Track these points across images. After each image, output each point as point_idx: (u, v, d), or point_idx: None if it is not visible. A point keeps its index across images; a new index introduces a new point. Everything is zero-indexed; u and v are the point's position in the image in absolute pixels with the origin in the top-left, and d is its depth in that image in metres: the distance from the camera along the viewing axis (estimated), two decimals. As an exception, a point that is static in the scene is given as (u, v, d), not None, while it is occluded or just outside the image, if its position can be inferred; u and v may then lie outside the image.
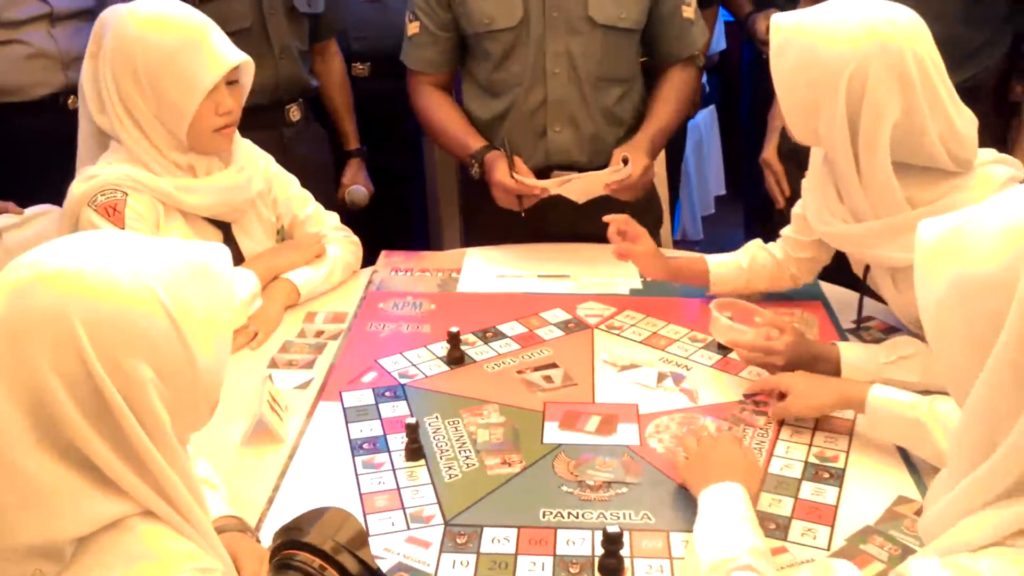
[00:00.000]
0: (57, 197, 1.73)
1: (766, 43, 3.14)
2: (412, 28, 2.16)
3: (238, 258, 1.83)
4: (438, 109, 2.18)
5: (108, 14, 1.66)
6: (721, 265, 1.84)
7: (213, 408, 0.99)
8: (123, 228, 1.64)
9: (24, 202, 1.88)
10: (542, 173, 2.06)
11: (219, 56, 1.64)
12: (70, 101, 2.18)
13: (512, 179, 1.95)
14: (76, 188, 1.69)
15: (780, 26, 1.48)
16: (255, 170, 1.85)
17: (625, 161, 1.96)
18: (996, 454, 0.82)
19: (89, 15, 1.69)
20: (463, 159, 2.13)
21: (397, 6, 2.79)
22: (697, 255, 1.64)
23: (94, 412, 0.86)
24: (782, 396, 1.50)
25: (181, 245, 0.98)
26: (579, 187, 1.98)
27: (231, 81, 1.70)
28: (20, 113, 2.17)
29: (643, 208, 2.08)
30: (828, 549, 1.25)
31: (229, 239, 1.83)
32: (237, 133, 1.80)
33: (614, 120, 2.14)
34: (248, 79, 1.74)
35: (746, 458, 1.33)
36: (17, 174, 1.69)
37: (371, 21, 2.75)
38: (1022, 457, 0.81)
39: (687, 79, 2.21)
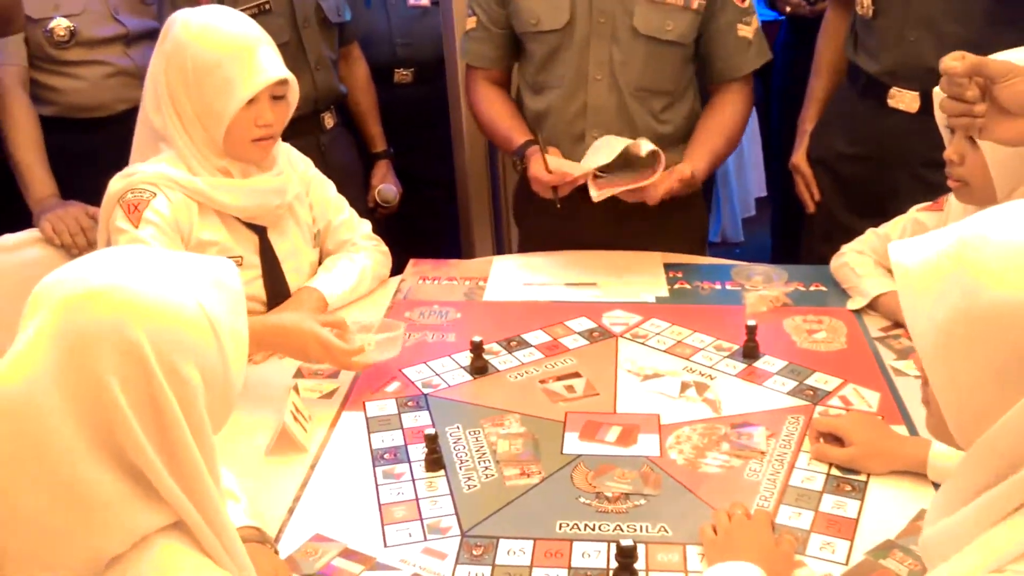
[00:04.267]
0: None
1: (788, 3, 3.00)
2: (470, 23, 2.18)
3: (273, 261, 1.86)
4: (489, 104, 2.18)
5: (175, 16, 1.74)
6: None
7: (228, 416, 1.02)
8: (136, 227, 1.68)
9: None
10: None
11: (262, 70, 1.69)
12: None
13: (545, 172, 1.95)
14: (113, 184, 1.75)
15: None
16: (293, 174, 1.88)
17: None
18: (1005, 483, 0.80)
19: (158, 35, 1.81)
20: (510, 155, 2.15)
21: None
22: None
23: (147, 418, 0.88)
24: (836, 439, 1.44)
25: (197, 259, 1.01)
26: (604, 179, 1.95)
27: (277, 96, 1.73)
28: (102, 126, 2.28)
29: (683, 204, 2.05)
30: (847, 563, 1.24)
31: (265, 242, 1.85)
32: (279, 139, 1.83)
33: (654, 131, 2.08)
34: (294, 98, 1.78)
35: (777, 547, 1.22)
36: (104, 181, 1.80)
37: (416, 28, 2.76)
38: None
39: (736, 102, 2.11)
